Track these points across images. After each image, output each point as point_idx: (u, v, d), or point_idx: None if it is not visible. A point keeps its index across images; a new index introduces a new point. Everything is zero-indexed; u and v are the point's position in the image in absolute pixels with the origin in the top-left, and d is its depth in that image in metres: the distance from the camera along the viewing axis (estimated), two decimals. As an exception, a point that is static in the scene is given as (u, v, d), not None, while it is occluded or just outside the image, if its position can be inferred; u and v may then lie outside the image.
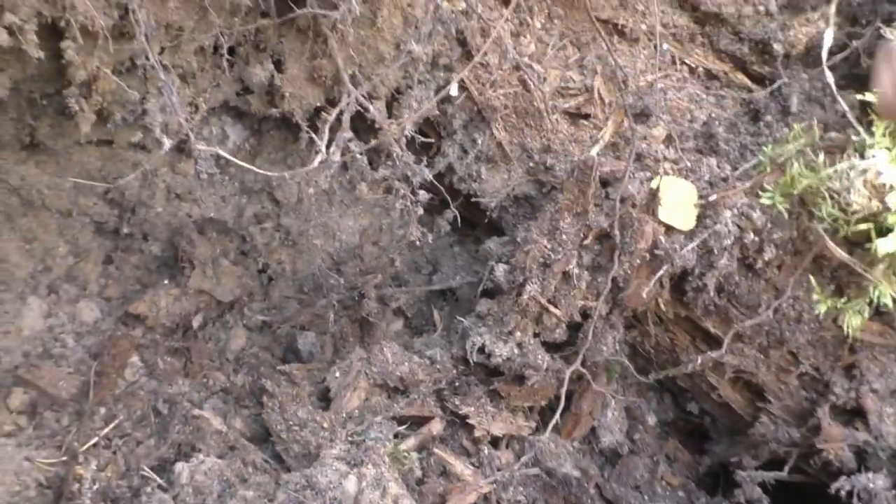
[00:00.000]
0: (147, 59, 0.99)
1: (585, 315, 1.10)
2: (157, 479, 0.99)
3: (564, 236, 1.07)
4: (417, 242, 1.26)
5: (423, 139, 1.16)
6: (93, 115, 1.10)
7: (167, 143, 1.03)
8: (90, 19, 0.94)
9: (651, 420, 1.31)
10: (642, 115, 1.19)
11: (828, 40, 1.15)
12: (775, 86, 1.16)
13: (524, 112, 1.15)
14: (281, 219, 1.33)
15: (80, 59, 0.99)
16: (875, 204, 1.01)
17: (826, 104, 1.15)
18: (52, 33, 1.00)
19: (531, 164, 1.16)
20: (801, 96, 1.17)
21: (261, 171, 0.95)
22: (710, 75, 1.26)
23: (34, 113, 1.17)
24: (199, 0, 1.01)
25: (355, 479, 0.89)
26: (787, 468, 1.12)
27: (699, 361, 1.07)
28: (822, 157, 1.02)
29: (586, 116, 1.18)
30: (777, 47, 1.21)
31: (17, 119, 1.17)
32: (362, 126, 1.13)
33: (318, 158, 0.94)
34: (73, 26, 0.94)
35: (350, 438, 1.01)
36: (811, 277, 1.06)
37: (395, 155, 1.13)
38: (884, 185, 1.00)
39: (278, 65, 1.15)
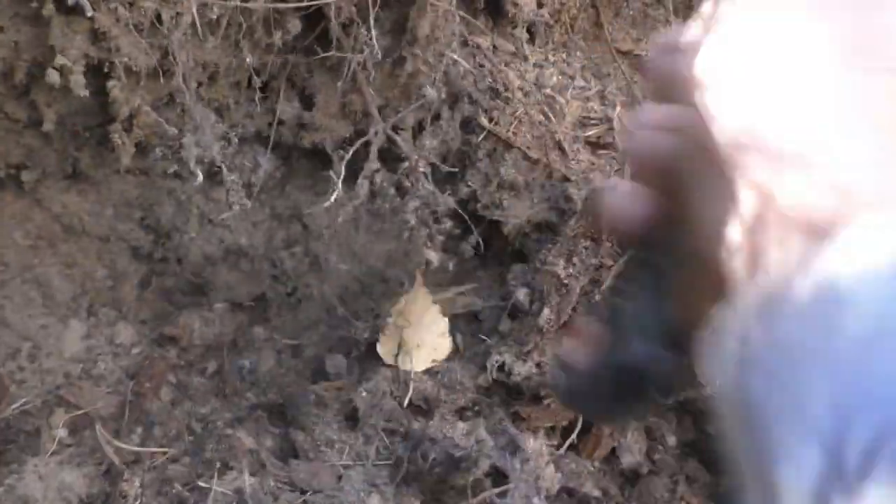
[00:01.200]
0: (185, 96, 1.04)
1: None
2: (189, 498, 1.03)
3: (580, 260, 1.11)
4: (443, 265, 1.31)
5: (447, 169, 1.20)
6: (133, 147, 1.16)
7: (200, 176, 1.08)
8: (133, 60, 0.99)
9: (671, 441, 1.33)
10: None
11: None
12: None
13: (546, 143, 1.19)
14: (310, 244, 1.37)
15: (123, 96, 1.05)
16: None
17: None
18: (96, 72, 1.06)
19: (552, 193, 1.20)
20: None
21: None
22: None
23: (77, 145, 1.23)
24: (236, 40, 1.06)
25: (379, 497, 0.93)
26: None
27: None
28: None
29: (606, 146, 1.22)
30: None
31: (61, 151, 1.23)
32: (390, 156, 1.18)
33: (337, 189, 0.99)
34: (118, 67, 0.99)
35: (377, 459, 1.05)
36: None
37: (420, 184, 1.18)
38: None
39: (309, 98, 1.20)
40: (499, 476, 1.00)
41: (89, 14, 0.76)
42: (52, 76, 0.98)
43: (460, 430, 0.98)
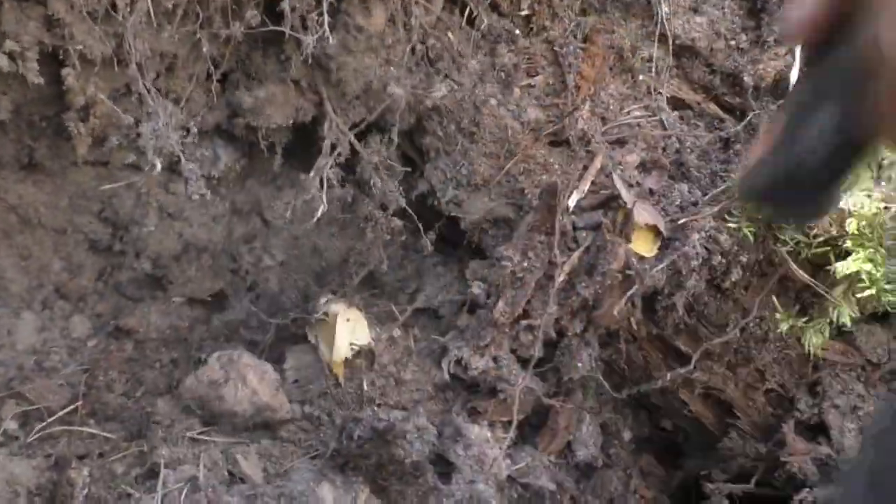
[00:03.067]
0: (140, 84, 1.04)
1: (561, 333, 1.15)
2: (139, 488, 1.02)
3: (535, 254, 1.13)
4: (401, 263, 1.32)
5: (401, 168, 1.22)
6: (89, 137, 1.15)
7: (159, 166, 1.08)
8: (88, 48, 0.99)
9: (626, 435, 1.35)
10: (618, 143, 1.25)
11: (794, 74, 1.22)
12: (747, 119, 1.22)
13: (504, 139, 1.20)
14: (269, 239, 1.37)
15: (78, 84, 1.04)
16: (834, 229, 1.07)
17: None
18: (51, 60, 1.05)
19: (509, 188, 1.22)
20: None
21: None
22: (684, 105, 1.31)
23: (33, 134, 1.22)
24: (193, 31, 1.06)
25: (329, 485, 0.93)
26: (753, 481, 1.16)
27: (668, 377, 1.12)
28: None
29: (565, 142, 1.23)
30: (747, 80, 1.27)
31: (17, 140, 1.22)
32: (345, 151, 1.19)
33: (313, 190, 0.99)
34: (73, 54, 0.99)
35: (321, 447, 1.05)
36: (775, 298, 1.11)
37: (372, 183, 1.19)
38: (842, 210, 1.06)
39: (259, 89, 1.20)
40: (445, 464, 1.01)
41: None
42: (3, 61, 0.97)
43: (398, 416, 0.98)
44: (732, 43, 1.28)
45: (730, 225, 1.08)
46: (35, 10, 0.96)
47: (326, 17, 0.95)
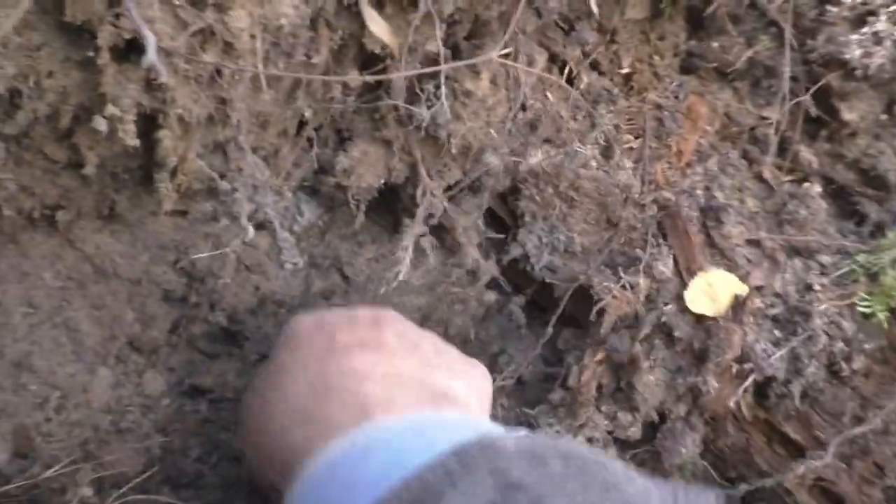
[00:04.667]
0: (237, 146, 1.00)
1: (662, 416, 1.08)
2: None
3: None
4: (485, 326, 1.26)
5: (494, 235, 1.16)
6: (175, 193, 1.11)
7: (251, 232, 1.04)
8: (188, 111, 0.95)
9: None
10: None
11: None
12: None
13: (604, 206, 1.14)
14: (350, 295, 1.32)
15: (172, 145, 1.00)
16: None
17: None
18: (144, 118, 1.01)
19: (610, 256, 1.15)
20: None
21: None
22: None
23: (116, 186, 1.19)
24: (292, 90, 1.02)
25: None
26: (868, 583, 1.08)
27: (793, 474, 1.04)
28: (919, 264, 1.00)
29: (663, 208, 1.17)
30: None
31: (99, 192, 1.18)
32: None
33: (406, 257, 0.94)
34: (171, 117, 0.95)
35: None
36: (902, 389, 1.03)
37: (464, 251, 1.14)
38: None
39: (352, 148, 1.15)
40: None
41: (164, 79, 0.71)
42: (100, 124, 0.93)
43: None
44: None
45: (860, 310, 1.01)
46: (135, 72, 0.92)
47: (444, 90, 0.90)
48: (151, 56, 0.64)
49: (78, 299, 1.27)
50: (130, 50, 0.90)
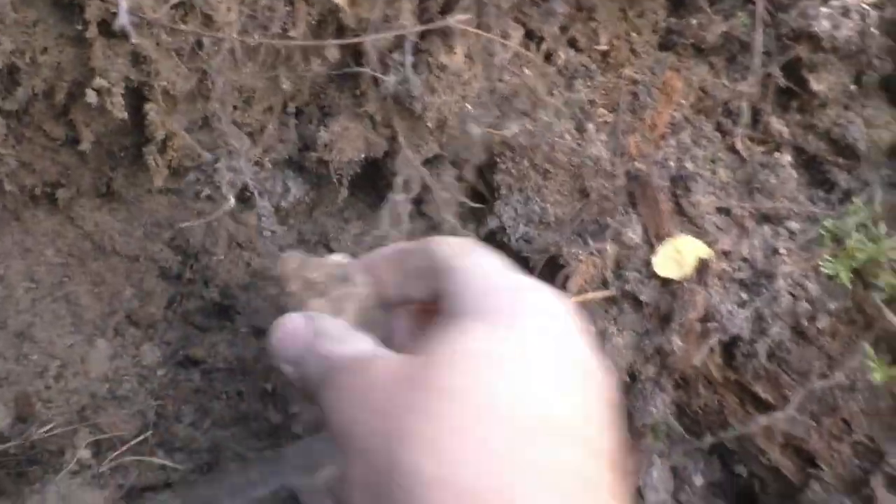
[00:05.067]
0: (221, 120, 1.05)
1: (633, 377, 1.12)
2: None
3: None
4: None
5: (472, 204, 1.20)
6: (166, 169, 1.16)
7: (233, 201, 1.09)
8: (172, 84, 1.00)
9: (698, 481, 1.30)
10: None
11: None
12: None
13: (577, 177, 1.18)
14: (337, 269, 1.37)
15: (160, 119, 1.05)
16: (931, 275, 1.02)
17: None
18: (134, 94, 1.07)
19: (582, 225, 1.19)
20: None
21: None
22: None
23: (112, 164, 1.24)
24: (273, 65, 1.06)
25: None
26: (838, 537, 1.11)
27: (752, 425, 1.07)
28: (883, 228, 1.03)
29: (635, 179, 1.21)
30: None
31: (97, 169, 1.24)
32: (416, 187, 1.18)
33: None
34: (157, 90, 1.00)
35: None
36: (866, 346, 1.06)
37: (443, 222, 1.18)
38: (941, 256, 1.01)
39: (333, 123, 1.20)
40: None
41: (134, 40, 0.76)
42: (92, 97, 0.99)
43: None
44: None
45: (825, 271, 1.04)
46: (123, 46, 0.98)
47: (409, 58, 0.95)
48: (122, 19, 0.69)
49: (78, 275, 1.33)
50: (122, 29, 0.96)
